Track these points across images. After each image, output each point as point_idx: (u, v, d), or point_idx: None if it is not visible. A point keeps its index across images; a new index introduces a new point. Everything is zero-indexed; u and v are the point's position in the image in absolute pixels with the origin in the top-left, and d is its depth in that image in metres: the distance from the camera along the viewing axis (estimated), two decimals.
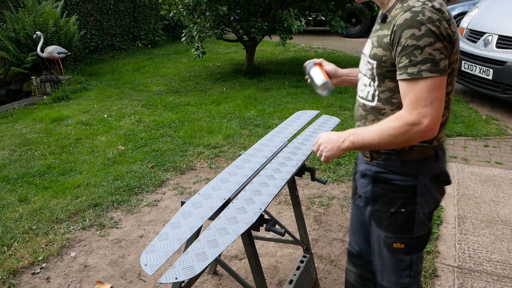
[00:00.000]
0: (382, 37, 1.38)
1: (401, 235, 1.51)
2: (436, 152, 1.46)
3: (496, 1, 5.75)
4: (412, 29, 1.25)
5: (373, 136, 1.36)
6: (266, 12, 6.91)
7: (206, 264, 1.27)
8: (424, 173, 1.45)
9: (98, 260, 2.61)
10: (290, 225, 2.94)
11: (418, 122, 1.28)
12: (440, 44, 1.26)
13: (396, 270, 1.57)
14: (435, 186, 1.49)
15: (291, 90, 6.21)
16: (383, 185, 1.50)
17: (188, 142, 4.37)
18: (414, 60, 1.26)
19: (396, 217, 1.50)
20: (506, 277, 2.37)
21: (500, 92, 4.96)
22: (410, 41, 1.26)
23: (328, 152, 1.47)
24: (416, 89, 1.28)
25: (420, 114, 1.27)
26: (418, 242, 1.53)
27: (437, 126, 1.30)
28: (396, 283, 1.58)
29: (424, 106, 1.27)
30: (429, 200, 1.48)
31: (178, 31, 11.97)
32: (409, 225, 1.49)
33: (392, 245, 1.53)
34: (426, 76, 1.26)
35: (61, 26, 7.18)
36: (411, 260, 1.54)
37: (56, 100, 6.05)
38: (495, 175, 3.58)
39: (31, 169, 3.81)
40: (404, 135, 1.31)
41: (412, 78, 1.27)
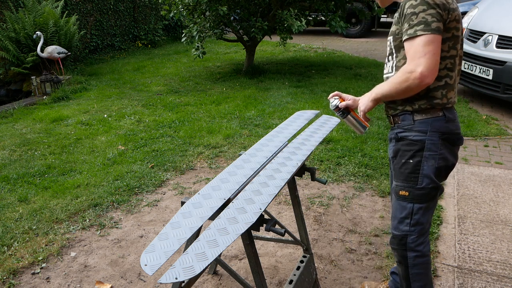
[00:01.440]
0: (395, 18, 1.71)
1: (407, 183, 1.75)
2: (444, 113, 1.70)
3: (496, 1, 5.74)
4: (411, 0, 1.59)
5: (388, 86, 1.67)
6: (266, 12, 6.91)
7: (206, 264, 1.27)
8: (432, 130, 1.69)
9: (98, 260, 2.61)
10: (290, 225, 2.94)
11: (414, 70, 1.56)
12: (433, 10, 1.56)
13: (399, 217, 1.79)
14: (444, 144, 1.71)
15: (291, 90, 6.21)
16: (401, 141, 1.77)
17: (188, 142, 4.37)
18: (411, 24, 1.58)
19: (405, 167, 1.75)
20: (506, 277, 2.37)
21: (500, 92, 4.96)
22: (409, 10, 1.59)
23: (363, 106, 1.81)
24: (414, 45, 1.57)
25: (415, 64, 1.56)
26: (421, 193, 1.73)
27: (430, 75, 1.56)
28: (397, 228, 1.81)
29: (419, 58, 1.55)
30: (435, 156, 1.70)
31: (178, 31, 11.97)
32: (414, 175, 1.72)
33: (399, 193, 1.78)
34: (420, 34, 1.56)
35: (61, 26, 7.18)
36: (413, 208, 1.75)
37: (56, 100, 6.05)
38: (495, 175, 3.58)
39: (31, 169, 3.81)
40: (405, 82, 1.59)
41: (410, 37, 1.58)
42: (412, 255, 1.79)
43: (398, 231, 1.80)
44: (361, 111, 1.82)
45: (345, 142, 4.21)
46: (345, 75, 7.08)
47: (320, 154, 3.97)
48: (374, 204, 3.19)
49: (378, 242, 2.74)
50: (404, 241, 1.79)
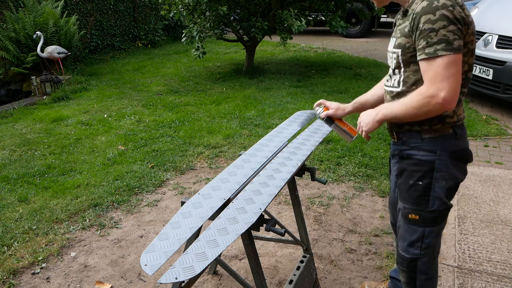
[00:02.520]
0: (404, 28, 1.55)
1: (417, 206, 1.64)
2: (455, 130, 1.59)
3: (496, 1, 5.75)
4: (428, 14, 1.42)
5: (399, 108, 1.54)
6: (266, 12, 6.91)
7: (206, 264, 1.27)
8: (442, 149, 1.58)
9: (98, 260, 2.61)
10: (290, 225, 2.94)
11: (436, 94, 1.43)
12: (454, 26, 1.41)
13: (409, 240, 1.69)
14: (454, 162, 1.60)
15: (291, 90, 6.21)
16: (407, 160, 1.65)
17: (188, 142, 4.37)
18: (430, 42, 1.43)
19: (414, 189, 1.63)
20: (506, 277, 2.37)
21: (500, 92, 4.96)
22: (426, 25, 1.43)
23: (366, 126, 1.66)
24: (434, 66, 1.43)
25: (438, 88, 1.43)
26: (433, 216, 1.63)
27: (454, 99, 1.44)
28: (406, 251, 1.71)
29: (441, 81, 1.42)
30: (446, 176, 1.60)
31: (178, 31, 11.96)
32: (425, 198, 1.61)
33: (408, 216, 1.67)
34: (441, 54, 1.42)
35: (61, 26, 7.18)
36: (424, 232, 1.65)
37: (56, 100, 6.05)
38: (495, 175, 3.58)
39: (31, 169, 3.81)
40: (425, 107, 1.47)
41: (429, 57, 1.44)
42: (421, 277, 1.73)
43: (408, 254, 1.70)
44: (363, 131, 1.68)
45: (345, 142, 4.21)
46: (345, 75, 7.08)
47: (320, 154, 3.97)
48: (374, 204, 3.19)
49: (378, 242, 2.74)
50: (414, 264, 1.71)
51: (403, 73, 1.60)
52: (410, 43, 1.53)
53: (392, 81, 1.67)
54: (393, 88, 1.66)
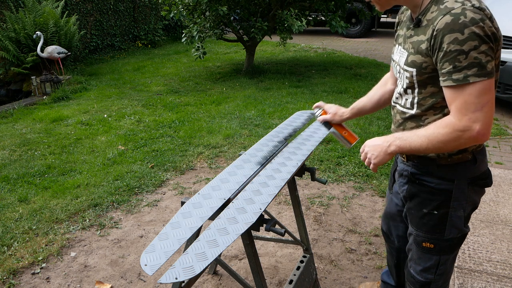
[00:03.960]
0: (419, 43, 1.33)
1: (431, 235, 1.50)
2: (474, 155, 1.42)
3: (496, 1, 5.75)
4: (455, 33, 1.19)
5: (421, 141, 1.33)
6: (266, 12, 6.91)
7: (206, 264, 1.27)
8: (460, 177, 1.42)
9: (98, 260, 2.61)
10: (290, 225, 2.94)
11: (469, 128, 1.23)
12: (486, 46, 1.20)
13: (423, 266, 1.58)
14: (473, 189, 1.45)
15: (291, 90, 6.21)
16: (418, 186, 1.49)
17: (188, 142, 4.37)
18: (459, 66, 1.21)
19: (428, 218, 1.49)
20: (506, 277, 2.37)
21: (500, 92, 4.96)
22: (453, 46, 1.20)
23: (376, 159, 1.46)
24: (464, 94, 1.22)
25: (470, 119, 1.23)
26: (448, 244, 1.51)
27: (489, 131, 1.25)
28: (420, 274, 1.60)
29: (474, 112, 1.22)
30: (465, 204, 1.45)
31: (178, 31, 11.97)
32: (441, 227, 1.48)
33: (422, 244, 1.54)
34: (474, 81, 1.21)
35: (61, 26, 7.18)
36: (439, 260, 1.54)
37: (56, 100, 6.05)
38: (495, 175, 3.58)
39: (31, 169, 3.81)
40: (455, 141, 1.27)
41: (459, 84, 1.22)
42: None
43: (421, 277, 1.61)
44: (372, 163, 1.48)
45: None
46: (345, 75, 7.08)
47: (320, 154, 3.97)
48: (374, 204, 3.19)
49: (378, 242, 2.74)
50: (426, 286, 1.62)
51: (417, 94, 1.40)
52: (428, 63, 1.31)
53: (404, 101, 1.48)
54: (406, 109, 1.47)
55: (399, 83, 1.50)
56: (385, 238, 1.97)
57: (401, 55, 1.44)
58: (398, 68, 1.48)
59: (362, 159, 1.53)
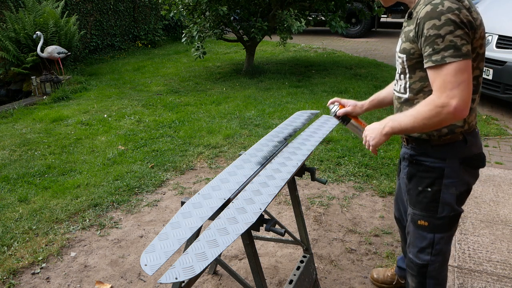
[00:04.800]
0: (409, 32, 1.50)
1: (426, 213, 1.62)
2: (465, 137, 1.54)
3: (496, 1, 5.75)
4: (433, 20, 1.36)
5: (409, 120, 1.47)
6: (266, 12, 6.91)
7: (206, 264, 1.27)
8: (452, 156, 1.55)
9: (98, 260, 2.61)
10: (290, 225, 2.94)
11: (447, 104, 1.37)
12: (461, 31, 1.35)
13: (419, 246, 1.67)
14: (465, 169, 1.56)
15: (291, 90, 6.21)
16: (417, 166, 1.63)
17: (188, 142, 4.37)
18: (437, 48, 1.37)
19: (423, 195, 1.61)
20: (506, 277, 2.37)
21: (500, 92, 4.96)
22: (431, 31, 1.36)
23: (374, 140, 1.59)
24: (442, 74, 1.37)
25: (448, 96, 1.36)
26: (441, 222, 1.61)
27: (466, 107, 1.37)
28: (417, 257, 1.69)
29: (452, 89, 1.36)
30: (457, 183, 1.57)
31: (178, 31, 11.97)
32: (434, 205, 1.59)
33: (417, 222, 1.65)
34: (450, 61, 1.35)
35: (61, 26, 7.19)
36: (434, 239, 1.63)
37: (56, 100, 6.05)
38: (495, 175, 3.58)
39: (31, 169, 3.81)
40: (436, 117, 1.40)
41: (437, 64, 1.38)
42: (431, 282, 1.71)
43: (418, 260, 1.69)
44: (370, 145, 1.61)
45: (345, 142, 4.21)
46: (345, 75, 7.08)
47: (320, 154, 3.97)
48: (374, 204, 3.19)
49: (378, 242, 2.74)
50: (424, 270, 1.69)
51: (409, 79, 1.57)
52: (415, 49, 1.48)
53: (399, 86, 1.64)
54: (400, 94, 1.63)
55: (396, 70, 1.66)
56: (397, 224, 2.10)
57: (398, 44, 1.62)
58: (396, 57, 1.64)
59: (363, 143, 1.66)
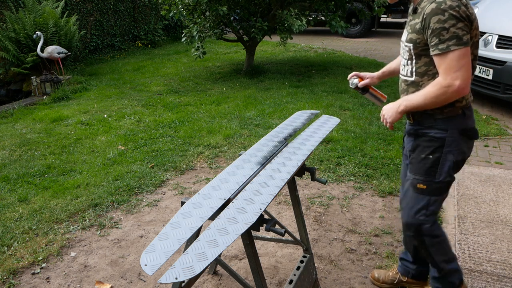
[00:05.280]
0: (415, 25, 1.77)
1: (426, 177, 1.86)
2: (464, 111, 1.82)
3: (496, 1, 5.75)
4: (438, 15, 1.64)
5: (420, 99, 1.76)
6: (266, 12, 6.91)
7: (206, 264, 1.27)
8: (452, 127, 1.81)
9: (98, 260, 2.61)
10: (290, 225, 2.94)
11: (452, 84, 1.66)
12: (462, 23, 1.63)
13: (416, 207, 1.90)
14: (463, 139, 1.83)
15: (291, 90, 6.21)
16: (421, 137, 1.88)
17: (188, 142, 4.37)
18: (442, 39, 1.65)
19: (425, 162, 1.86)
20: (506, 277, 2.37)
21: (500, 92, 4.96)
22: (438, 24, 1.64)
23: (390, 118, 1.88)
24: (447, 60, 1.66)
25: (452, 78, 1.66)
26: (438, 186, 1.86)
27: (467, 86, 1.68)
28: (413, 218, 1.91)
29: (455, 72, 1.65)
30: (455, 151, 1.82)
31: (178, 31, 11.97)
32: (434, 170, 1.84)
33: (417, 185, 1.89)
34: (454, 49, 1.64)
35: (61, 26, 7.18)
36: (429, 200, 1.88)
37: (56, 100, 6.05)
38: (495, 175, 3.58)
39: (31, 169, 3.81)
40: (443, 95, 1.69)
41: (443, 52, 1.66)
42: (428, 238, 1.93)
43: (414, 220, 1.91)
44: (388, 122, 1.89)
45: (345, 142, 4.21)
46: (345, 75, 7.08)
47: (320, 154, 3.97)
48: (374, 204, 3.19)
49: (378, 242, 2.74)
50: (420, 229, 1.91)
51: (415, 64, 1.82)
52: (420, 39, 1.75)
53: (406, 71, 1.89)
54: (407, 77, 1.89)
55: (402, 57, 1.91)
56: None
57: (404, 35, 1.88)
58: (402, 45, 1.90)
59: (381, 120, 1.94)
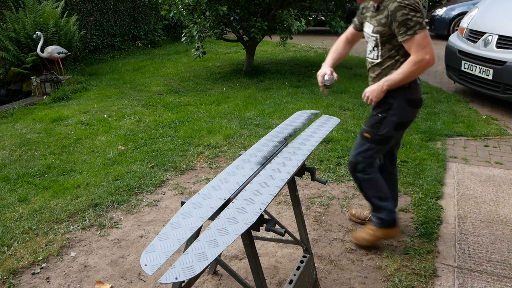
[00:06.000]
0: (380, 19, 2.23)
1: (371, 129, 2.41)
2: (410, 84, 2.31)
3: (496, 1, 5.74)
4: (401, 10, 2.12)
5: (399, 77, 2.22)
6: (266, 12, 6.91)
7: (206, 264, 1.27)
8: (400, 97, 2.32)
9: (98, 260, 2.61)
10: (290, 225, 2.94)
11: (423, 58, 2.14)
12: (419, 13, 2.13)
13: (358, 150, 2.47)
14: (407, 106, 2.35)
15: (291, 90, 6.21)
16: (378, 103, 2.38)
17: (188, 142, 4.37)
18: (409, 26, 2.13)
19: (374, 118, 2.40)
20: (506, 277, 2.37)
21: (500, 92, 4.96)
22: (402, 17, 2.12)
23: (376, 97, 2.32)
24: (415, 41, 2.14)
25: (422, 54, 2.14)
26: (379, 138, 2.40)
27: (433, 58, 2.15)
28: (354, 157, 2.48)
29: (423, 49, 2.14)
30: (398, 115, 2.34)
31: (178, 31, 11.96)
32: (378, 126, 2.38)
33: (363, 134, 2.44)
34: (419, 32, 2.12)
35: (61, 26, 7.18)
36: (369, 147, 2.43)
37: (56, 100, 6.05)
38: (495, 175, 3.58)
39: (31, 169, 3.81)
40: (418, 69, 2.17)
41: (411, 36, 2.14)
42: (359, 175, 2.49)
43: (354, 159, 2.48)
44: (373, 101, 2.34)
45: (345, 142, 4.22)
46: (345, 75, 7.08)
47: (320, 154, 3.97)
48: None
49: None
50: (356, 167, 2.48)
51: (380, 50, 2.31)
52: (386, 31, 2.22)
53: (373, 55, 2.37)
54: (374, 60, 2.37)
55: (369, 44, 2.38)
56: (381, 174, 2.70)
57: (369, 28, 2.33)
58: (367, 36, 2.36)
59: (365, 100, 2.37)
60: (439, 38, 10.66)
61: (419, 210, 3.07)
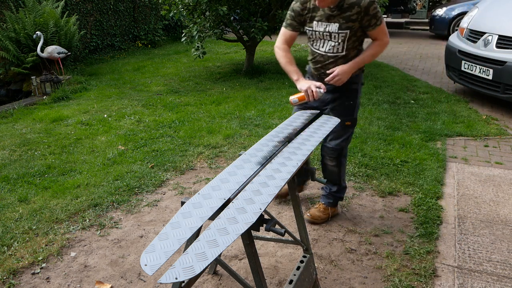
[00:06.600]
0: (350, 16, 2.49)
1: (349, 117, 2.74)
2: (362, 68, 2.73)
3: (496, 1, 5.74)
4: (372, 5, 2.45)
5: (370, 58, 2.63)
6: (266, 12, 6.91)
7: (206, 264, 1.27)
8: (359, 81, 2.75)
9: (98, 260, 2.61)
10: (290, 225, 2.94)
11: (388, 40, 2.61)
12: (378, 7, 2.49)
13: (343, 137, 2.78)
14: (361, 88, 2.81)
15: (291, 90, 6.21)
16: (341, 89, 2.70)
17: (188, 142, 4.37)
18: (378, 18, 2.50)
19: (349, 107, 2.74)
20: (506, 277, 2.37)
21: (500, 92, 4.96)
22: (374, 11, 2.47)
23: (346, 78, 2.59)
24: (381, 28, 2.54)
25: (384, 37, 2.59)
26: (355, 121, 2.79)
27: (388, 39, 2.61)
28: (339, 144, 2.79)
29: (385, 33, 2.58)
30: (359, 96, 2.79)
31: (178, 31, 11.96)
32: (352, 111, 2.75)
33: (345, 123, 2.72)
34: (382, 20, 2.52)
35: (61, 26, 7.18)
36: (351, 132, 2.82)
37: (56, 100, 6.05)
38: (495, 175, 3.58)
39: (31, 169, 3.81)
40: (382, 49, 2.62)
41: (379, 25, 2.52)
42: (344, 159, 2.87)
43: (339, 146, 2.79)
44: (341, 81, 2.58)
45: None
46: None
47: (320, 154, 3.97)
48: (374, 204, 3.19)
49: (378, 242, 2.74)
50: (341, 152, 2.81)
51: (346, 43, 2.57)
52: (355, 26, 2.51)
53: (336, 49, 2.60)
54: (338, 53, 2.61)
55: (328, 42, 2.62)
56: None
57: (327, 26, 2.57)
58: (326, 33, 2.60)
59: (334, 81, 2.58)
60: (439, 38, 10.65)
61: (419, 210, 3.07)
